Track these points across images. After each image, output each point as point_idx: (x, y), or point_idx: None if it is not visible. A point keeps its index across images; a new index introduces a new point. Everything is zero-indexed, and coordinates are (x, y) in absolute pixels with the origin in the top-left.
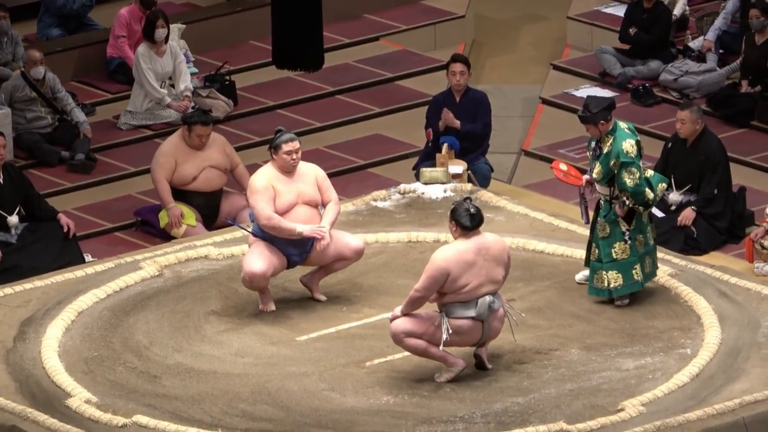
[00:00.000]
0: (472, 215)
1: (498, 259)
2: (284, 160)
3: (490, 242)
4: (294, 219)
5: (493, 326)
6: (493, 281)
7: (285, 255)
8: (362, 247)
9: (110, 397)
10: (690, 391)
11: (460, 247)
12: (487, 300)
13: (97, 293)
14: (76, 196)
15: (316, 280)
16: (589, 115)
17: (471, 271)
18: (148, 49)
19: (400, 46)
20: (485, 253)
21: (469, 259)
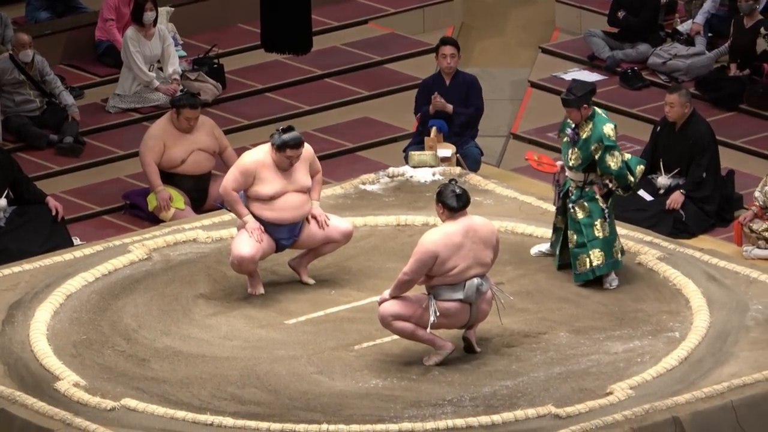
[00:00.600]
0: (458, 196)
1: (486, 242)
2: (282, 161)
3: (478, 225)
4: (283, 206)
5: (481, 308)
6: (481, 264)
7: (274, 239)
8: (351, 230)
9: (99, 381)
10: (678, 375)
11: (448, 230)
12: (475, 282)
13: (86, 276)
14: (65, 179)
15: (305, 264)
16: (574, 98)
17: (459, 254)
18: (136, 33)
19: (388, 29)
20: (473, 235)
21: (457, 241)
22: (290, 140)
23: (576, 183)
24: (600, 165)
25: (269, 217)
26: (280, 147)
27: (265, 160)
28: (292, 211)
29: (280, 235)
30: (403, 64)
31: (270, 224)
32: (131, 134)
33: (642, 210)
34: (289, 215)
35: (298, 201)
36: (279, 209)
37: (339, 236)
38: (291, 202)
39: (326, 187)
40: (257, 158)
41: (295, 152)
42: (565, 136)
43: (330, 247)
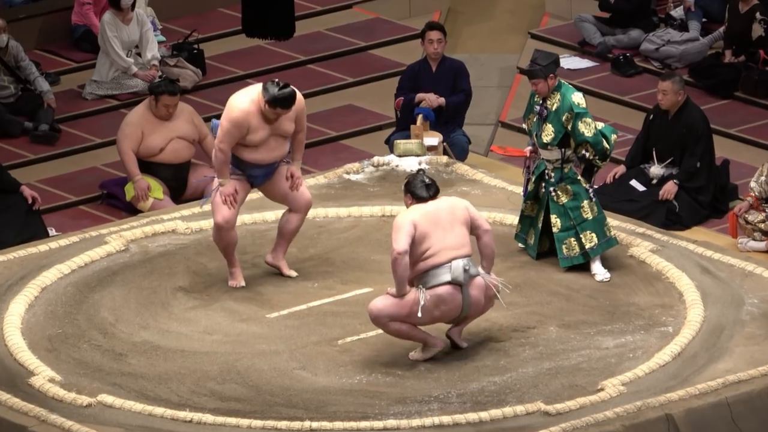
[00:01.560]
0: (427, 185)
1: (459, 220)
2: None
3: (447, 205)
4: (263, 149)
5: (473, 295)
6: (460, 245)
7: (247, 178)
8: (311, 202)
9: (74, 376)
10: (672, 371)
11: (420, 207)
12: (461, 263)
13: (61, 268)
14: (40, 168)
15: (281, 256)
16: (539, 68)
17: (436, 231)
18: (113, 17)
19: (373, 14)
20: (445, 215)
21: (431, 211)
22: (282, 98)
23: (553, 163)
24: (574, 134)
25: (248, 158)
26: (271, 102)
27: (253, 108)
28: (270, 152)
29: (255, 173)
30: (388, 49)
31: (247, 163)
32: (108, 122)
33: (634, 200)
34: (267, 156)
35: (278, 145)
36: (259, 151)
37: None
38: (271, 145)
39: (309, 176)
40: (246, 108)
41: (285, 111)
42: (534, 116)
43: (293, 223)
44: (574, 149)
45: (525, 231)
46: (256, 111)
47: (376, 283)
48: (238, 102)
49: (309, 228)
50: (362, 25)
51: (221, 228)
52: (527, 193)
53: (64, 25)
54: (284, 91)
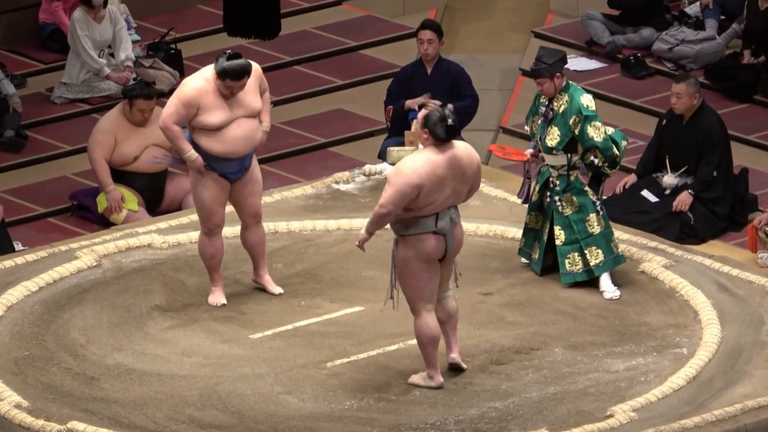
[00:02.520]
0: (448, 126)
1: (466, 175)
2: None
3: (462, 155)
4: (233, 137)
5: (456, 238)
6: (457, 195)
7: (222, 174)
8: (259, 213)
9: (43, 401)
10: (686, 396)
11: (432, 159)
12: (449, 213)
13: (28, 286)
14: (5, 177)
15: (261, 273)
16: (545, 66)
17: (440, 190)
18: (84, 14)
19: (365, 11)
20: (456, 167)
21: (441, 173)
22: (231, 69)
23: (558, 170)
24: (582, 139)
25: (219, 151)
26: (220, 74)
27: (207, 86)
28: (244, 141)
29: (229, 169)
30: (381, 49)
31: (219, 159)
32: (79, 127)
33: (646, 212)
34: (240, 147)
35: (248, 129)
36: (229, 141)
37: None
38: (241, 132)
39: (295, 186)
40: (198, 86)
41: (236, 83)
42: (539, 117)
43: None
44: (582, 155)
45: (529, 245)
46: (210, 90)
47: (368, 301)
48: (190, 80)
49: (295, 242)
50: (353, 24)
51: (211, 232)
52: (531, 203)
53: (31, 23)
54: (234, 62)
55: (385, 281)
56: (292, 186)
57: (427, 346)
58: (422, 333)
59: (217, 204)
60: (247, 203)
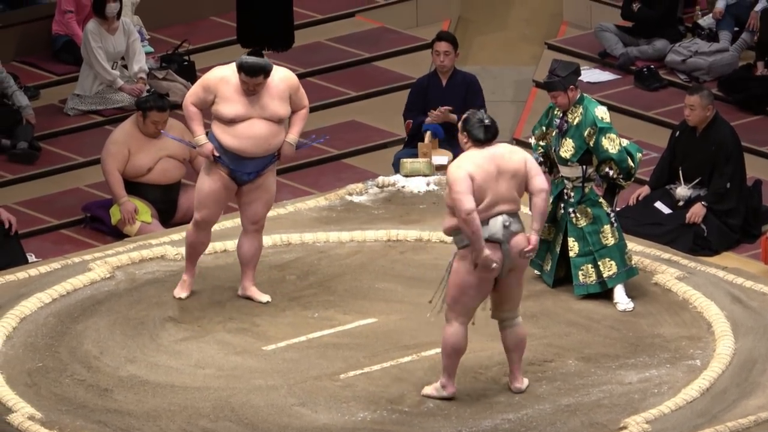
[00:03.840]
0: (486, 126)
1: (515, 174)
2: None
3: (505, 153)
4: (246, 134)
5: (515, 250)
6: (508, 200)
7: (234, 174)
8: (260, 223)
9: (56, 413)
10: (700, 408)
11: (475, 156)
12: (500, 219)
13: (42, 297)
14: (18, 189)
15: (248, 285)
16: (559, 79)
17: (489, 185)
18: (98, 26)
19: (378, 23)
20: (500, 164)
21: (487, 167)
22: (246, 64)
23: (573, 182)
24: (597, 151)
25: (230, 145)
26: (238, 67)
27: (230, 77)
28: (255, 141)
29: (239, 168)
30: (394, 61)
31: (230, 154)
32: (92, 139)
33: (659, 224)
34: (251, 145)
35: (262, 131)
36: (240, 137)
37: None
38: (255, 131)
39: (309, 198)
40: (221, 74)
41: (251, 80)
42: (554, 130)
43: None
44: (597, 167)
45: (541, 257)
46: (232, 81)
47: (381, 313)
48: (218, 68)
49: (309, 254)
50: (366, 35)
51: (198, 225)
52: None
53: (44, 35)
54: (252, 58)
55: (399, 293)
56: (305, 198)
57: (450, 356)
58: (448, 342)
59: (212, 196)
60: (250, 208)
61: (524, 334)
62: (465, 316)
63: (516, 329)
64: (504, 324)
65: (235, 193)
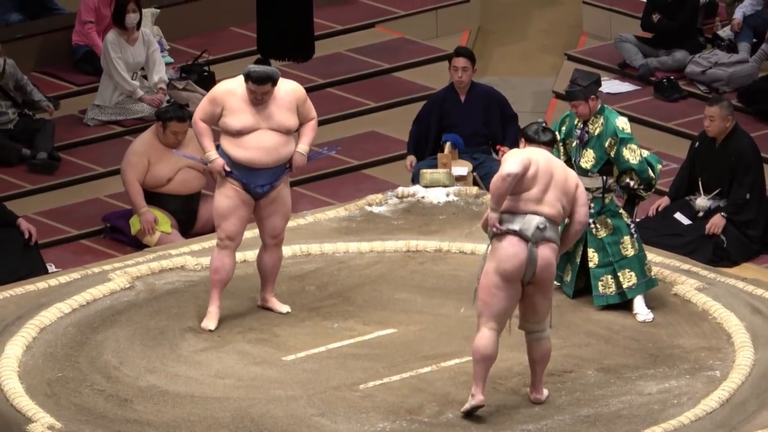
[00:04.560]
0: (544, 129)
1: (565, 190)
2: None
3: (562, 167)
4: (255, 145)
5: (541, 258)
6: (551, 204)
7: (247, 188)
8: (280, 236)
9: (76, 423)
10: (719, 419)
11: (538, 152)
12: (537, 219)
13: (61, 307)
14: (38, 199)
15: (268, 296)
16: (580, 89)
17: (543, 180)
18: (118, 37)
19: (398, 34)
20: (556, 173)
21: (544, 164)
22: (253, 72)
23: (593, 192)
24: (618, 161)
25: (239, 157)
26: (245, 76)
27: (237, 89)
28: (264, 152)
29: (252, 181)
30: (414, 72)
31: (241, 167)
32: (112, 149)
33: (679, 235)
34: (260, 156)
35: (271, 142)
36: (249, 148)
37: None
38: (264, 142)
39: (329, 208)
40: (228, 86)
41: (259, 88)
42: (574, 140)
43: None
44: (617, 177)
45: (561, 268)
46: (239, 93)
47: (400, 323)
48: (224, 81)
49: (328, 264)
50: (386, 46)
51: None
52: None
53: (64, 45)
54: (259, 66)
55: (418, 304)
56: (325, 208)
57: (479, 363)
58: (477, 349)
59: (231, 213)
60: (268, 222)
61: (549, 347)
62: (494, 321)
63: (542, 342)
64: (531, 336)
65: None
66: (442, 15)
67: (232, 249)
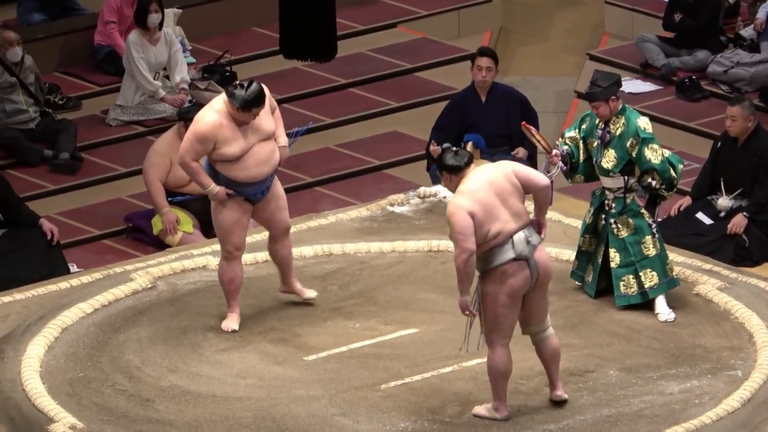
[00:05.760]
0: (456, 153)
1: (514, 188)
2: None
3: (495, 173)
4: (254, 163)
5: (540, 263)
6: (518, 215)
7: (245, 196)
8: (289, 226)
9: (97, 423)
10: (741, 418)
11: (473, 189)
12: (522, 236)
13: (84, 307)
14: (60, 199)
15: (291, 282)
16: (600, 90)
17: (492, 212)
18: (140, 37)
19: (420, 34)
20: (498, 187)
21: (483, 195)
22: (253, 98)
23: (614, 192)
24: (639, 161)
25: (243, 178)
26: (244, 107)
27: (221, 119)
28: (264, 166)
29: (253, 191)
30: (436, 72)
31: (243, 184)
32: (134, 149)
33: (700, 235)
34: (262, 170)
35: (266, 152)
36: (249, 167)
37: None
38: (261, 156)
39: (350, 208)
40: (212, 120)
41: (259, 109)
42: (595, 140)
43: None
44: (639, 177)
45: (582, 268)
46: (225, 122)
47: (422, 323)
48: (203, 115)
49: (350, 264)
50: (408, 46)
51: (230, 256)
52: (585, 226)
53: (86, 45)
54: (252, 90)
55: (440, 303)
56: (347, 208)
57: (498, 380)
58: (494, 367)
59: (236, 226)
60: (275, 219)
61: (557, 343)
62: (506, 337)
63: (549, 340)
64: (536, 338)
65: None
66: (464, 15)
67: (240, 258)
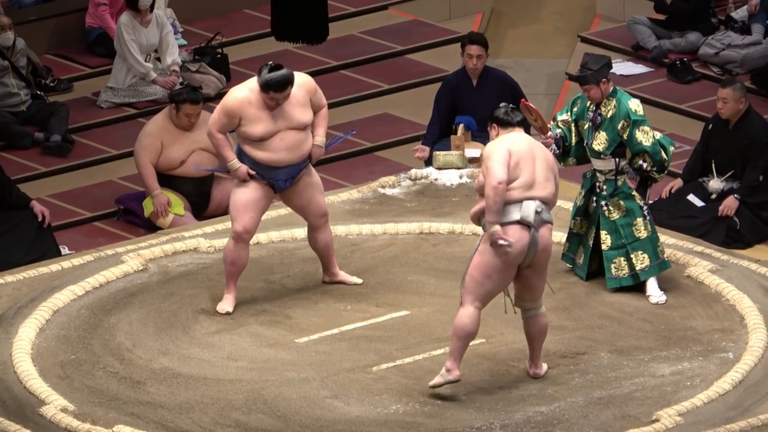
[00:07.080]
0: (513, 109)
1: (549, 164)
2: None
3: (536, 142)
4: (278, 147)
5: (542, 240)
6: (542, 186)
7: (269, 182)
8: (326, 212)
9: (89, 405)
10: (732, 400)
11: (510, 137)
12: (533, 204)
13: (75, 290)
14: (52, 181)
15: (333, 271)
16: (591, 73)
17: (527, 164)
18: (131, 19)
19: (411, 16)
20: (536, 150)
21: (523, 148)
22: (273, 81)
23: (605, 175)
24: (631, 144)
25: (265, 159)
26: (263, 87)
27: (251, 97)
28: (288, 152)
29: (276, 177)
30: (427, 54)
31: (265, 166)
32: (125, 132)
33: (692, 217)
34: (284, 156)
35: (294, 140)
36: (273, 150)
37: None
38: (286, 142)
39: (342, 190)
40: (241, 96)
41: (280, 95)
42: (586, 122)
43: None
44: (630, 160)
45: (573, 250)
46: (254, 101)
47: (413, 305)
48: (235, 90)
49: (341, 246)
50: (399, 28)
51: (238, 237)
52: (576, 208)
53: (77, 27)
54: (276, 73)
55: (431, 286)
56: (338, 190)
57: (461, 339)
58: (461, 326)
59: (249, 207)
60: (311, 205)
61: (546, 322)
62: (481, 302)
63: (539, 318)
64: (527, 314)
65: (281, 200)
66: None
67: (247, 242)
